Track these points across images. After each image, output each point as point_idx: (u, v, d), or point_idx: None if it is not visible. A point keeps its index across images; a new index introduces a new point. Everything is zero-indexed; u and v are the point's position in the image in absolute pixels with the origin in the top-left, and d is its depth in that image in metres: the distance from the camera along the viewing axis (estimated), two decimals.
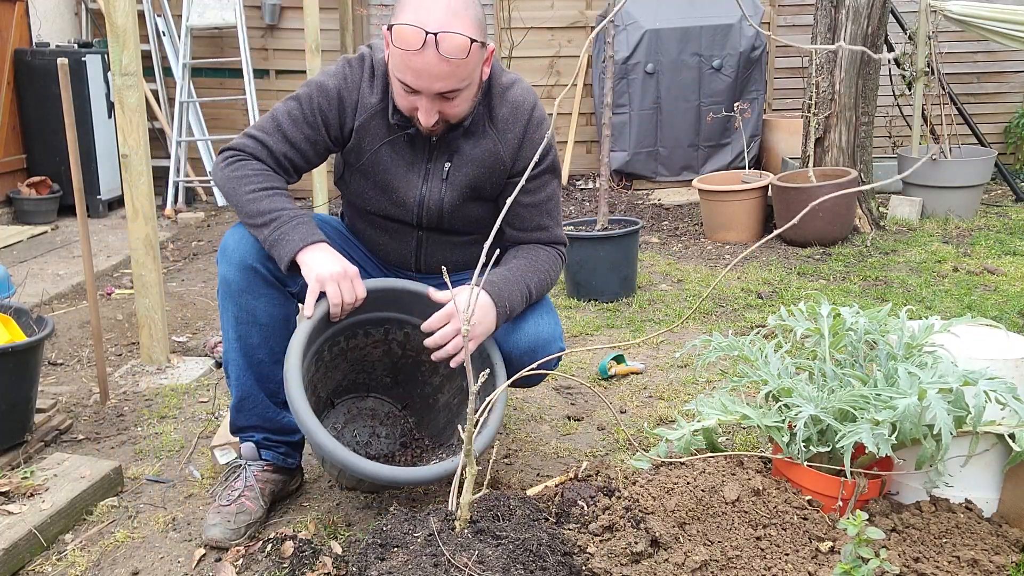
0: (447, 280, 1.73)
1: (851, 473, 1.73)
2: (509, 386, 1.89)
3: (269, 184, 1.88)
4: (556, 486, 1.98)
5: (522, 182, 1.69)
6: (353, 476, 1.79)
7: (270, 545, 1.87)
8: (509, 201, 1.64)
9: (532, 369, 1.82)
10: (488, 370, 1.72)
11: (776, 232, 1.87)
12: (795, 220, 1.96)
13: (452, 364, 1.87)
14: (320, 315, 1.81)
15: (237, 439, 2.12)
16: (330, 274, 1.79)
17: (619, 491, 1.85)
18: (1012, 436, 1.74)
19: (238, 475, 2.02)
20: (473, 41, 1.75)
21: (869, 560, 1.44)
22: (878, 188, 5.39)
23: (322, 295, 1.82)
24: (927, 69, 5.34)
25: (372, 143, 1.97)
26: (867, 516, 1.51)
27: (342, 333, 1.98)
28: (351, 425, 2.19)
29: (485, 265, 1.56)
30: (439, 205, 2.01)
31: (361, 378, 2.18)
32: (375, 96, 1.94)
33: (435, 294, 1.92)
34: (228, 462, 2.21)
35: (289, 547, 1.82)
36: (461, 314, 1.76)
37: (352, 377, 2.16)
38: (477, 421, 1.59)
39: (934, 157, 5.18)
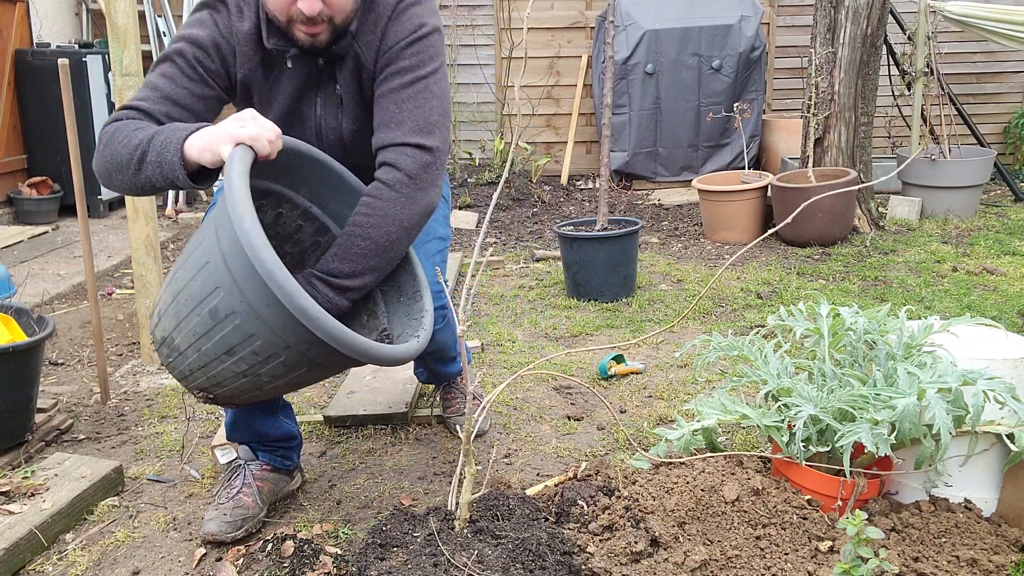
0: (441, 280, 1.76)
1: (850, 473, 1.74)
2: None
3: (144, 125, 1.64)
4: (556, 486, 1.98)
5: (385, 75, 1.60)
6: (284, 357, 1.50)
7: (270, 545, 1.87)
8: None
9: (534, 369, 1.83)
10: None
11: (772, 230, 1.88)
12: (789, 219, 1.97)
13: None
14: (249, 159, 1.51)
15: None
16: (246, 123, 1.54)
17: (619, 491, 1.85)
18: (1011, 436, 1.74)
19: (237, 474, 2.03)
20: None
21: (868, 560, 1.44)
22: (875, 187, 5.40)
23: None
24: (926, 69, 5.34)
25: (258, 76, 1.81)
26: (866, 516, 1.51)
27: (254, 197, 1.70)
28: None
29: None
30: (338, 134, 1.86)
31: (286, 252, 1.92)
32: (246, 23, 1.77)
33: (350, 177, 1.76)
34: (228, 462, 2.21)
35: (289, 547, 1.82)
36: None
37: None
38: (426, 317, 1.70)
39: (933, 157, 5.18)
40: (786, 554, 1.64)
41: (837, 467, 1.77)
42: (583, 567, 1.62)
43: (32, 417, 2.38)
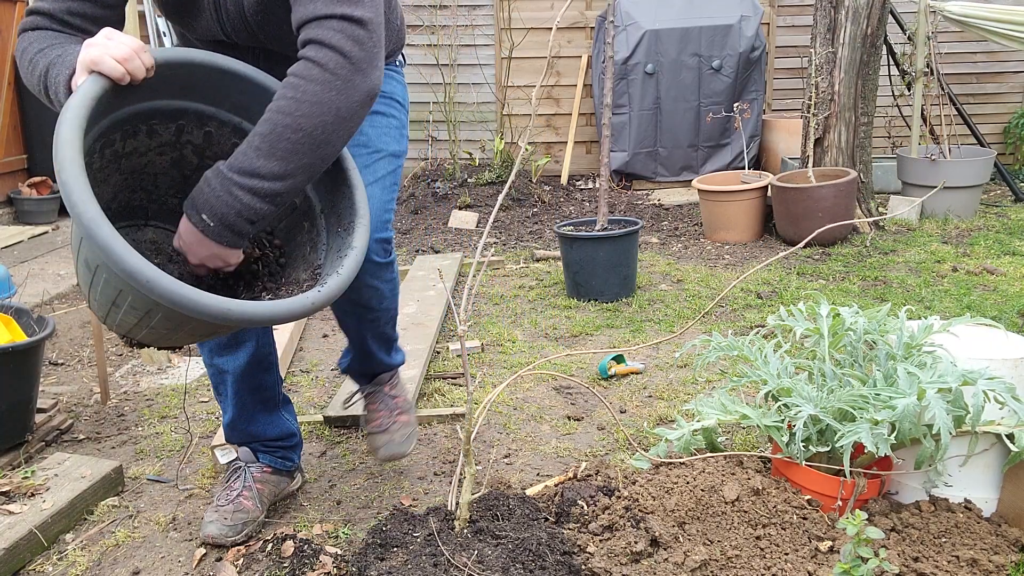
0: (442, 279, 1.72)
1: (850, 473, 1.74)
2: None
3: (48, 43, 1.46)
4: (556, 486, 1.98)
5: None
6: (162, 314, 1.32)
7: (270, 545, 1.87)
8: None
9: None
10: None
11: (793, 249, 1.87)
12: (804, 243, 1.96)
13: None
14: (96, 90, 1.33)
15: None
16: (95, 45, 1.35)
17: (619, 491, 1.85)
18: (1011, 436, 1.74)
19: (237, 475, 2.03)
20: None
21: (868, 560, 1.44)
22: (875, 187, 5.40)
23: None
24: (926, 69, 5.34)
25: None
26: (866, 516, 1.51)
27: (119, 127, 1.47)
28: None
29: None
30: (239, 8, 1.57)
31: (138, 199, 1.65)
32: None
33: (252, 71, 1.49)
34: (228, 462, 2.21)
35: (289, 547, 1.82)
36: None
37: (125, 197, 1.63)
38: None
39: (933, 157, 5.18)
40: (786, 554, 1.64)
41: (837, 467, 1.77)
42: (583, 567, 1.62)
43: (32, 417, 2.38)
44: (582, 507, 1.81)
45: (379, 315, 2.00)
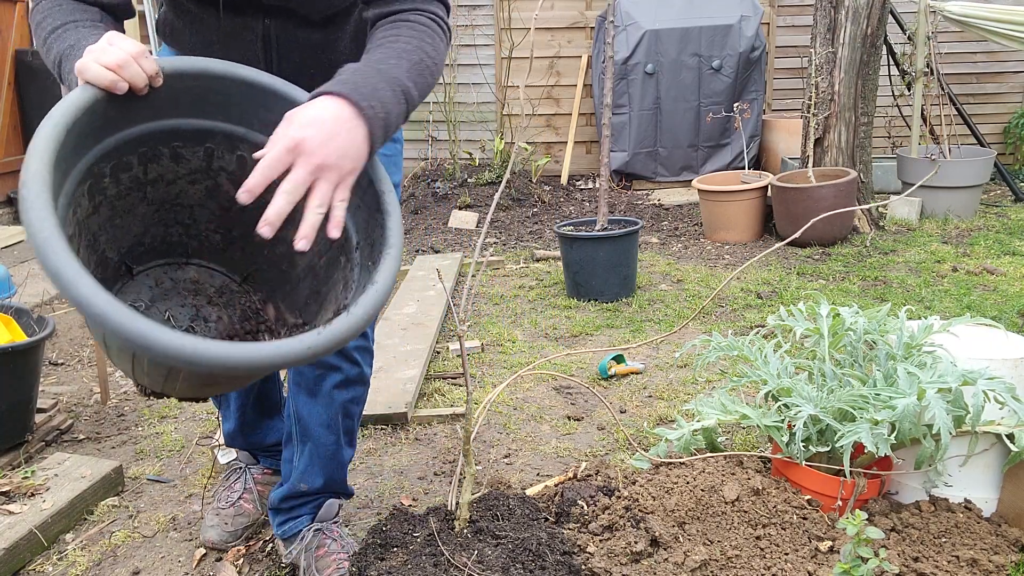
0: (441, 280, 1.58)
1: (850, 473, 1.74)
2: None
3: (62, 20, 1.29)
4: (556, 486, 1.98)
5: None
6: (156, 364, 1.10)
7: (270, 545, 1.87)
8: None
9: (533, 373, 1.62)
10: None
11: (783, 242, 1.87)
12: (798, 233, 1.96)
13: (298, 245, 1.13)
14: (81, 102, 1.12)
15: None
16: (89, 50, 1.15)
17: (619, 491, 1.85)
18: (1011, 436, 1.74)
19: (238, 477, 2.02)
20: None
21: (868, 560, 1.44)
22: (876, 187, 5.39)
23: None
24: (926, 69, 5.34)
25: None
26: (866, 516, 1.51)
27: (134, 148, 1.25)
28: (162, 303, 1.45)
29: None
30: None
31: (176, 234, 1.43)
32: None
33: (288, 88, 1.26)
34: (228, 462, 2.21)
35: None
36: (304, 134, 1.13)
37: (160, 232, 1.41)
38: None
39: (933, 157, 5.18)
40: (786, 554, 1.64)
41: (837, 467, 1.77)
42: (583, 567, 1.62)
43: (32, 417, 2.38)
44: (582, 507, 1.81)
45: (362, 392, 1.74)
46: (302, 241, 1.11)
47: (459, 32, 6.45)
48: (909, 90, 5.55)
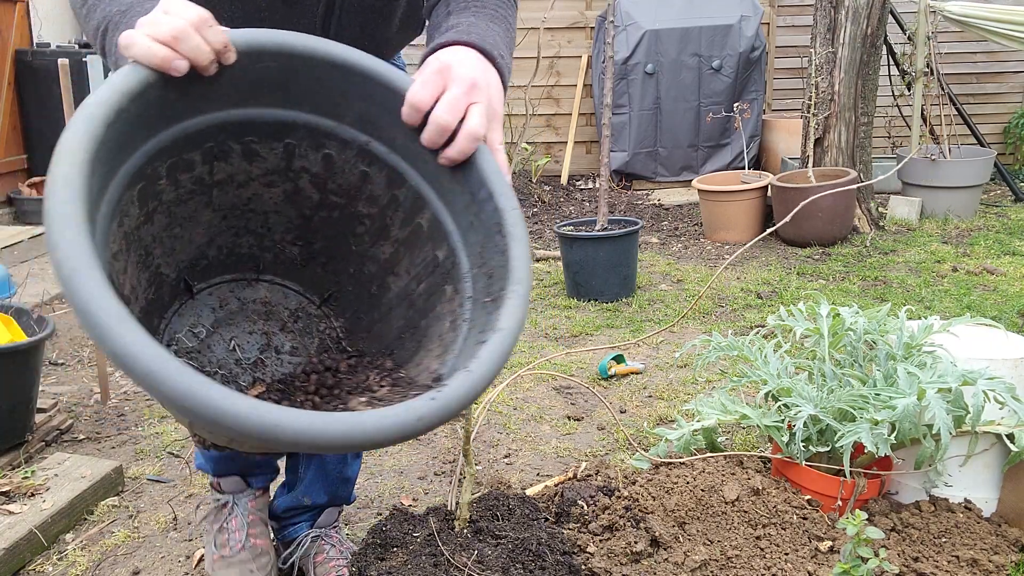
0: None
1: (850, 473, 1.74)
2: None
3: None
4: (556, 486, 1.98)
5: None
6: (211, 425, 0.78)
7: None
8: None
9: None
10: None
11: (771, 229, 1.87)
12: (787, 218, 1.97)
13: (444, 157, 0.98)
14: (132, 83, 0.87)
15: None
16: (143, 33, 0.87)
17: (619, 491, 1.85)
18: (1011, 436, 1.74)
19: (232, 513, 1.69)
20: None
21: (868, 560, 1.44)
22: (875, 187, 5.39)
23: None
24: (926, 69, 5.34)
25: None
26: (866, 516, 1.51)
27: (197, 143, 1.00)
28: (226, 329, 1.20)
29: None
30: None
31: (246, 245, 1.18)
32: None
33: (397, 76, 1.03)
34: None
35: None
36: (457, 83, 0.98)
37: (228, 242, 1.17)
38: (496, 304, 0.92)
39: (933, 157, 5.18)
40: (786, 554, 1.64)
41: (837, 467, 1.77)
42: (583, 567, 1.61)
43: (32, 417, 2.38)
44: (582, 507, 1.81)
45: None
46: (445, 159, 0.97)
47: None
48: (909, 90, 5.55)
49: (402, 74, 1.03)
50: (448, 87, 0.96)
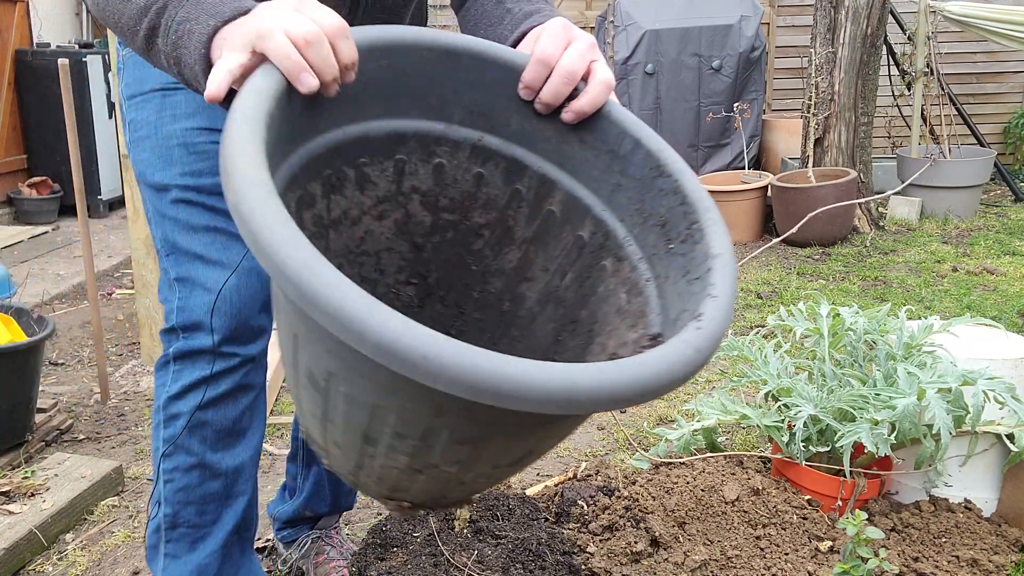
0: None
1: (850, 473, 1.74)
2: None
3: None
4: (556, 486, 1.98)
5: None
6: (451, 426, 0.72)
7: (270, 544, 1.87)
8: None
9: None
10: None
11: (779, 239, 1.86)
12: (795, 229, 1.96)
13: (568, 115, 0.92)
14: (275, 86, 0.77)
15: None
16: (280, 27, 0.77)
17: (619, 491, 1.85)
18: (1011, 436, 1.74)
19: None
20: None
21: (868, 560, 1.44)
22: (875, 187, 5.39)
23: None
24: (926, 69, 5.34)
25: None
26: (866, 516, 1.51)
27: (317, 170, 0.89)
28: None
29: None
30: None
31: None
32: None
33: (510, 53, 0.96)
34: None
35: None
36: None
37: None
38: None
39: (933, 157, 5.18)
40: (786, 554, 1.64)
41: (837, 467, 1.77)
42: (583, 567, 1.62)
43: (32, 417, 2.38)
44: (582, 507, 1.81)
45: None
46: (573, 112, 0.92)
47: (459, 32, 6.44)
48: (909, 90, 5.55)
49: (513, 50, 0.97)
50: (572, 43, 0.92)
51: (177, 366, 1.28)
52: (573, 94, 0.91)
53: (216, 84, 0.77)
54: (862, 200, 3.84)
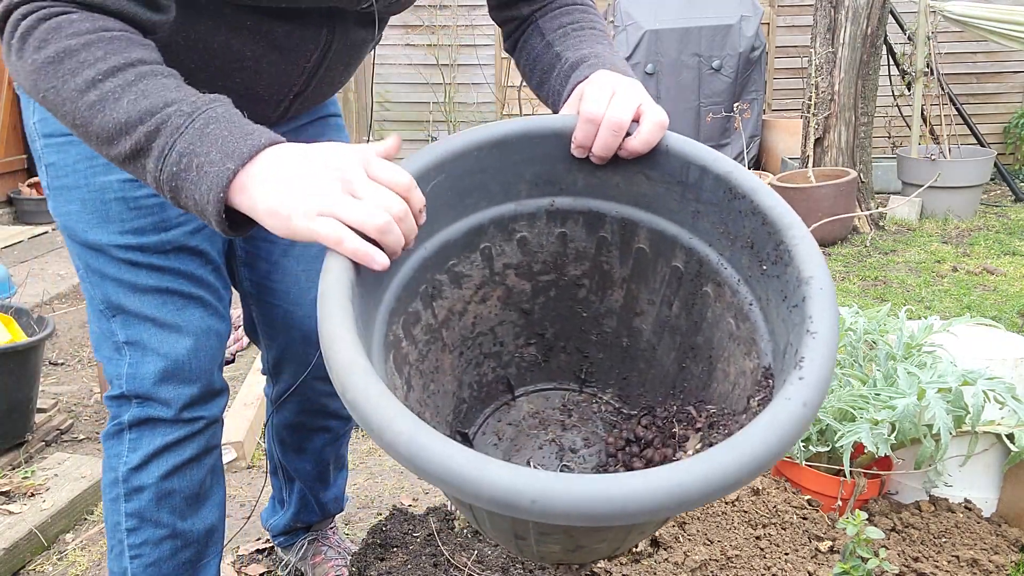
0: None
1: (850, 473, 1.74)
2: None
3: (122, 59, 0.83)
4: None
5: None
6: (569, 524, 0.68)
7: (269, 545, 1.87)
8: None
9: None
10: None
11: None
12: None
13: (635, 144, 0.93)
14: (350, 271, 0.80)
15: (239, 440, 2.10)
16: (352, 218, 0.77)
17: None
18: (1011, 436, 1.74)
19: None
20: None
21: (868, 560, 1.44)
22: (875, 187, 5.40)
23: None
24: (926, 69, 5.34)
25: None
26: (866, 516, 1.51)
27: (413, 291, 0.96)
28: (518, 456, 1.13)
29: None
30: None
31: (490, 370, 1.13)
32: None
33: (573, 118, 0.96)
34: (230, 461, 2.19)
35: None
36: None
37: (474, 378, 1.11)
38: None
39: (933, 157, 5.18)
40: (786, 554, 1.64)
41: (837, 467, 1.77)
42: None
43: (32, 417, 2.38)
44: None
45: (347, 424, 1.61)
46: (627, 152, 0.94)
47: (459, 32, 6.45)
48: (909, 90, 5.55)
49: (557, 117, 0.99)
50: (616, 93, 0.94)
51: (133, 434, 1.20)
52: (628, 133, 0.93)
53: (358, 253, 0.77)
54: (864, 208, 3.85)
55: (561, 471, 1.08)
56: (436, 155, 0.92)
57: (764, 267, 0.88)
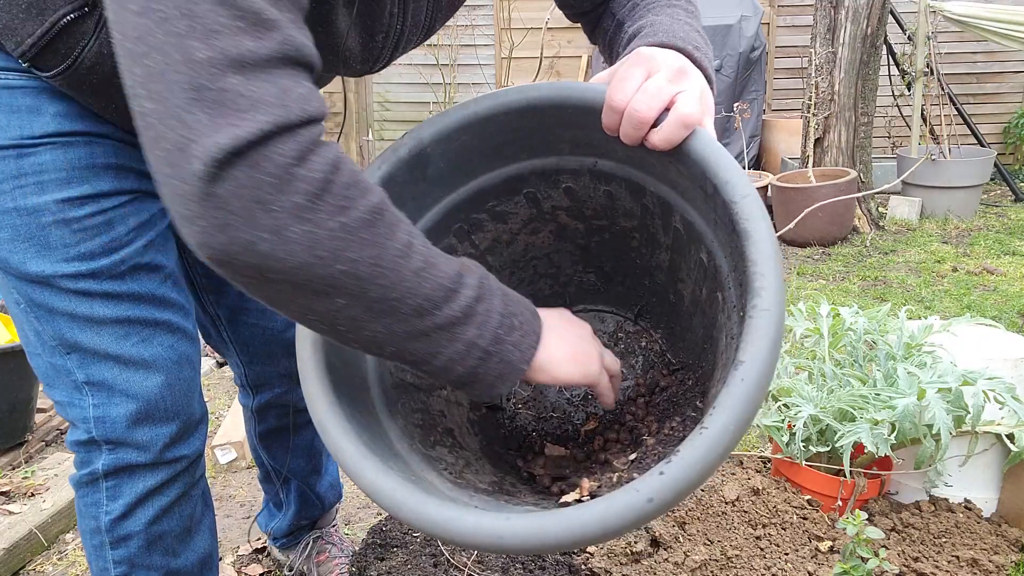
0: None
1: (850, 473, 1.74)
2: None
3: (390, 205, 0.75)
4: None
5: None
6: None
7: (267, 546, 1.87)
8: None
9: None
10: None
11: (777, 235, 1.86)
12: (792, 224, 1.96)
13: (655, 140, 0.85)
14: None
15: (239, 440, 2.10)
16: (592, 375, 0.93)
17: None
18: (1011, 436, 1.74)
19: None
20: None
21: (868, 560, 1.44)
22: (875, 187, 5.40)
23: None
24: (926, 69, 5.34)
25: None
26: (866, 516, 1.51)
27: (446, 228, 1.05)
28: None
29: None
30: (431, 14, 1.03)
31: (547, 287, 1.20)
32: None
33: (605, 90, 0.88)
34: (229, 462, 2.20)
35: None
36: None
37: (526, 292, 1.05)
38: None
39: (933, 157, 5.18)
40: (786, 554, 1.64)
41: (837, 467, 1.77)
42: (583, 567, 1.62)
43: (32, 417, 2.38)
44: None
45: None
46: (649, 145, 0.86)
47: (459, 32, 6.45)
48: (909, 90, 5.55)
49: (588, 87, 0.92)
50: (652, 76, 0.85)
51: (111, 482, 1.10)
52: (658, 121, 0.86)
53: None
54: (860, 194, 3.84)
55: (584, 398, 1.18)
56: (461, 118, 0.94)
57: (742, 313, 0.82)
